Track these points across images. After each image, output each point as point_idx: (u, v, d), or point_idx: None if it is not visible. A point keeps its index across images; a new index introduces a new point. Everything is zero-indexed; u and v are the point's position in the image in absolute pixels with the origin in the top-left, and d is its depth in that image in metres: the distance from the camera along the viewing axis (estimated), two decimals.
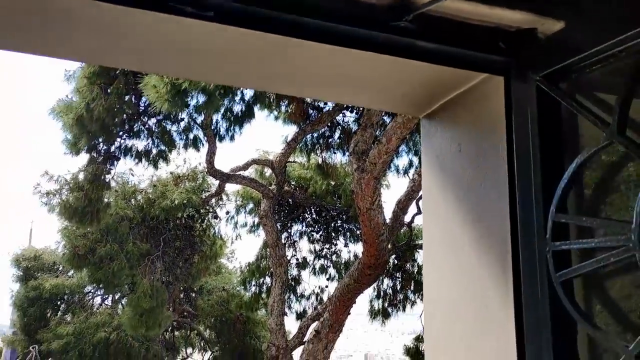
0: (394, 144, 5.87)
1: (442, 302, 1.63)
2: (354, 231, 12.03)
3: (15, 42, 1.40)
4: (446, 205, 1.68)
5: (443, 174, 1.72)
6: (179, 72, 1.87)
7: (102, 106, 7.62)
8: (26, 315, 13.39)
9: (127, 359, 12.29)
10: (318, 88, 1.77)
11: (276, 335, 9.31)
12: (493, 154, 1.51)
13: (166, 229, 11.17)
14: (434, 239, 1.72)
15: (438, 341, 1.64)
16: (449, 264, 1.61)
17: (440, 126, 1.80)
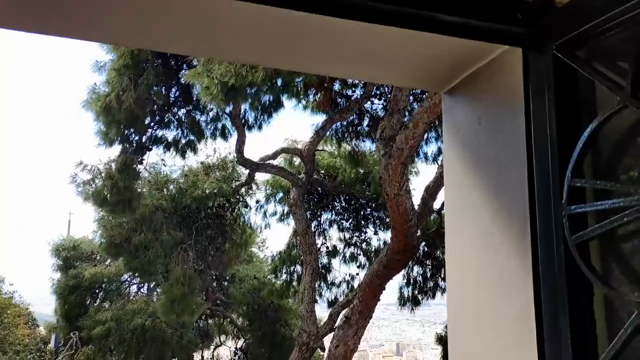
0: (420, 128, 5.85)
1: (463, 270, 1.67)
2: (384, 219, 12.02)
3: (48, 24, 1.47)
4: (467, 177, 1.70)
5: (464, 147, 1.74)
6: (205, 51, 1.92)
7: (132, 97, 7.79)
8: (67, 303, 13.86)
9: (163, 345, 12.61)
10: (339, 66, 1.81)
11: (307, 322, 9.41)
12: (512, 125, 1.53)
13: (198, 218, 11.38)
14: (455, 210, 1.75)
15: (459, 307, 1.67)
16: (470, 233, 1.64)
17: (460, 101, 1.82)
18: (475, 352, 1.59)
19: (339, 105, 9.78)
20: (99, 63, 8.51)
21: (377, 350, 57.90)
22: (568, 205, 1.23)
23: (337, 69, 1.97)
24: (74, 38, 1.52)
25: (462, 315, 1.68)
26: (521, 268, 1.41)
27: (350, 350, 8.32)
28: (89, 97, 8.61)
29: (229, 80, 6.30)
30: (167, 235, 11.05)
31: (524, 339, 1.38)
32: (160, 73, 8.44)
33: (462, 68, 1.75)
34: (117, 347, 13.11)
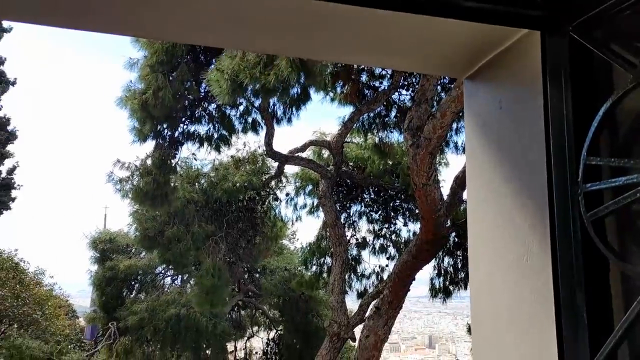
0: (448, 118, 5.83)
1: (485, 251, 1.71)
2: (413, 210, 11.98)
3: (82, 20, 1.56)
4: (488, 161, 1.74)
5: (485, 132, 1.78)
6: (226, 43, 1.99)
7: (169, 93, 7.96)
8: (104, 294, 14.29)
9: (197, 334, 12.90)
10: (360, 54, 1.85)
11: (337, 312, 9.49)
12: (532, 108, 1.56)
13: (229, 211, 11.56)
14: (477, 193, 1.78)
15: (481, 287, 1.71)
16: (492, 215, 1.68)
17: (481, 86, 1.85)
18: (496, 332, 1.63)
19: (366, 97, 9.78)
20: (132, 60, 8.70)
21: (409, 342, 57.71)
22: (584, 183, 1.26)
23: (358, 57, 2.02)
24: (102, 32, 1.61)
25: (484, 297, 1.72)
26: (541, 248, 1.45)
27: (380, 340, 8.38)
28: (124, 95, 8.81)
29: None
30: (198, 228, 11.26)
31: (542, 318, 1.41)
32: (191, 68, 8.59)
33: (482, 53, 1.78)
34: (153, 337, 13.46)
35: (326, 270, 11.75)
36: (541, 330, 1.41)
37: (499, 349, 1.61)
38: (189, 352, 14.25)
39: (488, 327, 1.67)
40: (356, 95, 9.51)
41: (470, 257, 1.79)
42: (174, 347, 13.97)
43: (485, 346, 1.68)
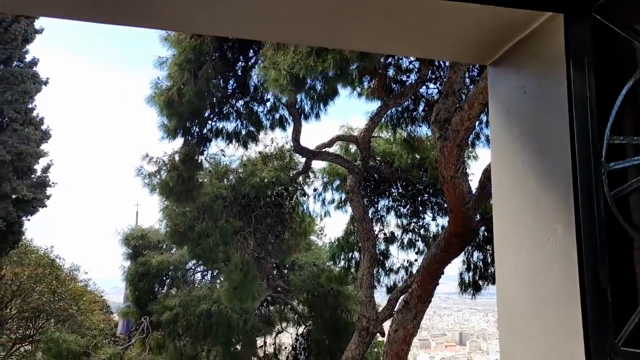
0: (476, 109, 5.78)
1: (510, 235, 1.71)
2: (442, 204, 11.89)
3: (119, 15, 1.62)
4: (513, 146, 1.74)
5: (509, 117, 1.78)
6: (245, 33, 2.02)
7: (192, 90, 8.07)
8: (137, 290, 14.59)
9: (228, 330, 13.06)
10: (384, 42, 1.87)
11: (366, 307, 9.50)
12: (555, 91, 1.55)
13: (257, 207, 11.65)
14: (502, 178, 1.78)
15: (507, 270, 1.72)
16: (517, 199, 1.68)
17: (505, 72, 1.84)
18: (522, 315, 1.64)
19: (393, 91, 9.74)
20: (161, 59, 8.85)
21: (439, 339, 57.31)
22: (607, 163, 1.25)
23: (382, 46, 2.03)
24: (135, 26, 1.66)
25: (510, 280, 1.72)
26: (565, 230, 1.44)
27: (409, 335, 8.36)
28: (153, 92, 8.98)
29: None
30: (227, 224, 11.39)
31: (568, 299, 1.41)
32: (218, 66, 8.69)
33: (506, 39, 1.78)
34: (185, 331, 13.69)
35: (354, 265, 11.76)
36: (567, 311, 1.41)
37: (525, 331, 1.61)
38: (219, 347, 14.45)
39: (514, 310, 1.68)
40: (383, 89, 9.49)
41: (496, 241, 1.79)
42: (205, 342, 14.18)
43: (511, 329, 1.69)
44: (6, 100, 15.43)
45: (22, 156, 15.66)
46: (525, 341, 1.61)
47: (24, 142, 15.68)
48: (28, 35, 16.15)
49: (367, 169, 10.66)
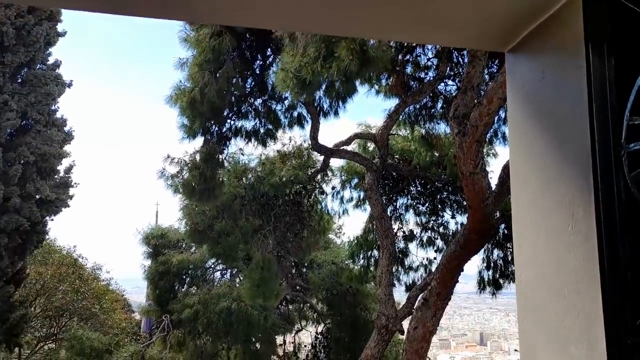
0: (495, 104, 5.74)
1: (529, 220, 1.70)
2: (461, 202, 11.81)
3: (133, 6, 1.65)
4: (532, 132, 1.73)
5: (528, 102, 1.77)
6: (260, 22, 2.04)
7: (213, 90, 8.14)
8: (157, 288, 14.76)
9: (248, 327, 13.14)
10: (401, 30, 1.88)
11: (385, 305, 9.48)
12: (573, 74, 1.54)
13: (276, 205, 11.70)
14: (520, 164, 1.78)
15: (526, 256, 1.71)
16: (535, 185, 1.68)
17: (524, 58, 1.84)
18: (542, 301, 1.63)
19: (411, 89, 9.71)
20: (181, 60, 8.95)
21: (459, 339, 56.85)
22: (627, 144, 1.25)
23: (398, 34, 2.04)
24: (163, 18, 1.69)
25: (529, 266, 1.72)
26: (585, 213, 1.44)
27: (429, 332, 8.33)
28: (173, 93, 9.08)
29: (305, 76, 6.45)
30: (246, 222, 11.46)
31: (588, 283, 1.41)
32: (237, 65, 8.76)
33: (524, 25, 1.77)
34: (205, 329, 13.81)
35: (373, 264, 11.74)
36: (587, 295, 1.41)
37: (545, 316, 1.60)
38: (239, 344, 14.55)
39: (533, 296, 1.67)
40: (401, 87, 9.46)
41: (515, 227, 1.79)
42: (225, 340, 14.29)
43: (530, 315, 1.68)
44: (30, 102, 15.73)
45: (45, 157, 15.95)
46: (545, 326, 1.61)
47: (47, 143, 15.96)
48: (50, 38, 16.44)
49: (385, 166, 10.63)
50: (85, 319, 20.39)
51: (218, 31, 7.97)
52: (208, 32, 7.94)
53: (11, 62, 15.48)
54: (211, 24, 7.51)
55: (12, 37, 15.39)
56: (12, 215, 15.26)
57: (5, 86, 15.43)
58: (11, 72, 15.67)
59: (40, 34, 15.89)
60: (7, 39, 15.33)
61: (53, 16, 16.46)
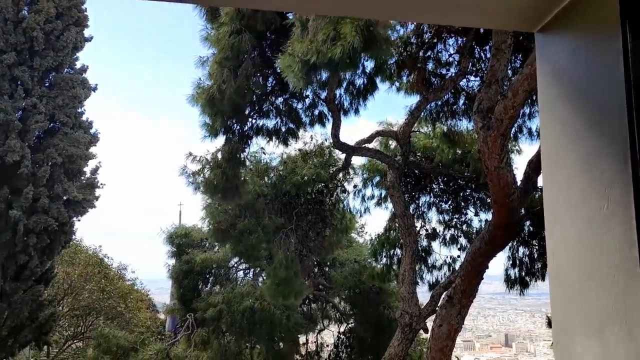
0: (520, 97, 5.64)
1: (561, 203, 1.66)
2: (485, 200, 11.67)
3: None
4: (564, 113, 1.68)
5: (559, 83, 1.72)
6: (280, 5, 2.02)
7: (232, 88, 8.17)
8: (182, 287, 14.91)
9: (271, 326, 13.18)
10: (427, 11, 1.84)
11: (408, 303, 9.41)
12: (608, 52, 1.49)
13: (298, 204, 11.72)
14: (552, 146, 1.73)
15: (559, 242, 1.67)
16: (568, 167, 1.63)
17: (554, 37, 1.79)
18: (576, 286, 1.58)
19: (432, 85, 9.63)
20: (202, 58, 9.02)
21: (484, 340, 56.31)
22: None
23: (426, 15, 2.00)
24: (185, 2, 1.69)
25: (562, 252, 1.67)
26: (622, 195, 1.39)
27: (454, 330, 8.24)
28: (194, 92, 9.15)
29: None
30: (269, 221, 11.49)
31: (625, 267, 1.36)
32: (257, 63, 8.78)
33: (554, 2, 1.72)
34: (229, 328, 13.89)
35: (396, 262, 11.67)
36: (625, 279, 1.36)
37: (579, 303, 1.56)
38: (262, 343, 14.60)
39: (567, 281, 1.62)
40: (422, 83, 9.40)
41: (546, 211, 1.74)
42: (248, 339, 14.35)
43: (563, 301, 1.63)
44: (57, 105, 16.04)
45: (72, 159, 16.25)
46: (580, 312, 1.56)
47: (74, 145, 16.26)
48: (78, 43, 16.76)
49: (407, 164, 10.55)
50: (111, 317, 20.72)
51: (238, 29, 8.00)
52: (228, 30, 7.98)
53: (40, 66, 15.83)
54: (222, 6, 7.46)
55: (42, 42, 15.74)
56: (40, 216, 15.58)
57: (34, 89, 15.77)
58: (40, 76, 16.01)
59: (69, 39, 16.21)
60: (37, 44, 15.68)
61: (80, 21, 16.79)
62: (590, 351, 1.52)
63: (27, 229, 15.44)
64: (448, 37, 9.78)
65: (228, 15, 7.77)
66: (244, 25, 7.86)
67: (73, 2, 16.40)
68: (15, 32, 15.51)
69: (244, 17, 7.87)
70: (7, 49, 15.44)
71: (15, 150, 15.09)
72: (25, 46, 15.68)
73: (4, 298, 15.86)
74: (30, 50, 15.82)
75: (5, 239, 15.45)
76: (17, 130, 15.33)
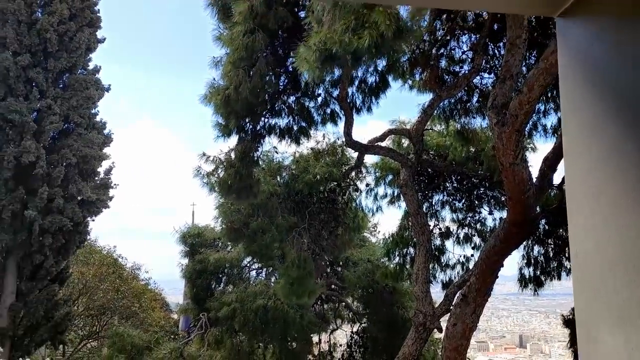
0: (536, 92, 5.58)
1: (585, 189, 1.62)
2: (499, 198, 11.58)
3: None
4: (587, 98, 1.65)
5: (581, 69, 1.69)
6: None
7: (247, 88, 8.16)
8: (195, 287, 14.95)
9: (284, 325, 13.16)
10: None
11: (422, 302, 9.34)
12: (632, 35, 1.46)
13: (310, 203, 11.71)
14: (574, 132, 1.70)
15: (581, 226, 1.63)
16: (592, 152, 1.59)
17: (576, 22, 1.75)
18: (599, 272, 1.55)
19: (446, 83, 9.57)
20: (215, 59, 9.02)
21: (497, 341, 55.92)
22: None
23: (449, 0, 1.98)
24: None
25: (586, 239, 1.64)
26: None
27: (469, 329, 8.16)
28: (208, 92, 9.15)
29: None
30: (282, 220, 11.49)
31: None
32: (270, 62, 8.77)
33: None
34: (242, 327, 13.90)
35: (409, 261, 11.61)
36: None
37: (602, 289, 1.52)
38: (275, 343, 14.59)
39: (591, 270, 1.59)
40: (436, 81, 9.33)
41: (568, 199, 1.71)
42: (261, 338, 14.35)
43: (587, 290, 1.60)
44: (71, 106, 16.19)
45: (86, 159, 16.38)
46: (604, 301, 1.53)
47: (88, 145, 16.40)
48: (91, 44, 16.90)
49: (420, 162, 10.48)
50: (125, 317, 20.87)
51: (251, 28, 7.99)
52: (241, 29, 7.97)
53: (54, 67, 15.98)
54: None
55: (55, 44, 15.89)
56: (55, 216, 15.73)
57: (48, 90, 15.93)
58: (54, 77, 16.17)
59: (82, 40, 16.36)
60: (51, 46, 15.83)
61: (93, 22, 16.93)
62: (613, 339, 1.49)
63: (43, 229, 15.60)
64: (461, 34, 9.71)
65: (241, 14, 7.77)
66: (257, 24, 7.85)
67: (86, 3, 16.55)
68: (29, 34, 15.69)
69: (257, 16, 7.86)
70: (21, 50, 15.61)
71: (30, 151, 15.26)
72: (39, 48, 15.85)
73: (20, 297, 16.04)
74: (44, 52, 15.99)
75: (21, 239, 15.62)
76: (32, 131, 15.50)
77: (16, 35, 15.53)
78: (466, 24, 9.44)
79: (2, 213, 15.27)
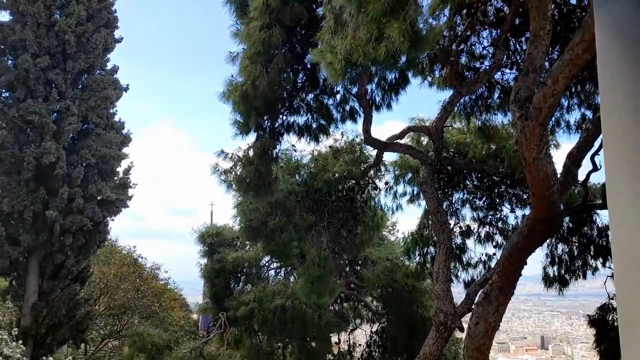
0: (561, 84, 5.42)
1: (626, 173, 1.52)
2: (520, 196, 11.38)
3: None
4: (627, 70, 1.54)
5: (621, 38, 1.58)
6: None
7: (265, 83, 8.10)
8: (214, 286, 14.97)
9: (303, 325, 13.10)
10: None
11: (443, 301, 9.20)
12: None
13: (329, 201, 11.62)
14: (613, 105, 1.59)
15: (622, 213, 1.53)
16: (635, 129, 1.49)
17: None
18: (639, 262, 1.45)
19: (466, 79, 9.42)
20: (232, 54, 8.98)
21: (518, 342, 55.27)
22: None
23: None
24: None
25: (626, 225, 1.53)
26: None
27: (491, 328, 8.00)
28: (226, 89, 9.11)
29: (354, 57, 6.23)
30: (300, 219, 11.41)
31: None
32: (287, 59, 8.71)
33: None
34: (261, 327, 13.88)
35: (430, 260, 11.47)
36: None
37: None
38: (294, 342, 14.55)
39: (633, 256, 1.49)
40: (456, 77, 9.19)
41: (608, 183, 1.60)
42: (280, 337, 14.31)
43: (629, 277, 1.50)
44: (90, 106, 16.35)
45: (105, 159, 16.53)
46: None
47: (107, 145, 16.54)
48: (108, 44, 17.06)
49: (440, 160, 10.33)
50: (145, 316, 21.03)
51: (267, 24, 7.94)
52: (258, 24, 7.92)
53: (72, 69, 16.16)
54: None
55: (74, 45, 16.07)
56: (76, 216, 15.89)
57: (67, 91, 16.10)
58: (72, 78, 16.35)
59: (99, 40, 16.51)
60: (69, 47, 16.01)
61: (110, 23, 17.08)
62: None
63: (63, 228, 15.77)
64: (482, 30, 9.56)
65: (257, 9, 7.72)
66: (274, 20, 7.79)
67: (103, 4, 16.70)
68: (48, 36, 15.88)
69: (273, 11, 7.81)
70: (40, 52, 15.80)
71: (50, 152, 15.44)
72: (58, 49, 16.04)
73: (42, 297, 16.24)
74: (62, 53, 16.17)
75: (42, 238, 15.82)
76: (51, 132, 15.68)
77: (35, 38, 15.73)
78: (487, 18, 9.27)
79: (24, 214, 15.48)
